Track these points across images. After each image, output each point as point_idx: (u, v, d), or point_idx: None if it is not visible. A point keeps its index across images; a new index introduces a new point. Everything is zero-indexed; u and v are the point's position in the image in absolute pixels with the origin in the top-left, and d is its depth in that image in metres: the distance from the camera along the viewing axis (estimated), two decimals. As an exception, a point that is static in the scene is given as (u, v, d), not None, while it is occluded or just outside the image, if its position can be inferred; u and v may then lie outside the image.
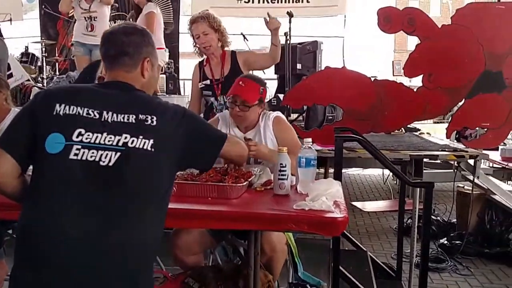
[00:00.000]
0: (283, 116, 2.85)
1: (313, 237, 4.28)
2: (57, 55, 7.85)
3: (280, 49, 3.42)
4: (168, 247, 2.48)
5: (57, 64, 7.59)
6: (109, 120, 1.56)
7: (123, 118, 1.57)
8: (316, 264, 3.44)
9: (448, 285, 3.63)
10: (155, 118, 1.58)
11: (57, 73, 7.41)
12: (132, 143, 1.53)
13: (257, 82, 2.71)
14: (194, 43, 3.50)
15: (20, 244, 1.54)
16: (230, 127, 2.72)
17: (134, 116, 1.57)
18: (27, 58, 7.20)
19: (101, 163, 1.51)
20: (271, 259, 2.44)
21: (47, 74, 7.16)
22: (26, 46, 7.82)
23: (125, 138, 1.54)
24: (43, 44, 7.38)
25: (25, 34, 9.19)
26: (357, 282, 2.78)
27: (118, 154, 1.52)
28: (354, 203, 6.00)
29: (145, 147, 1.54)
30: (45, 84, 6.50)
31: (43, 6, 8.09)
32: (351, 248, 3.69)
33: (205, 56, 3.55)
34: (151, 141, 1.55)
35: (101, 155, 1.51)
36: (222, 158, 1.93)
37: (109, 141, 1.53)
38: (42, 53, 7.26)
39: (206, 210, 1.89)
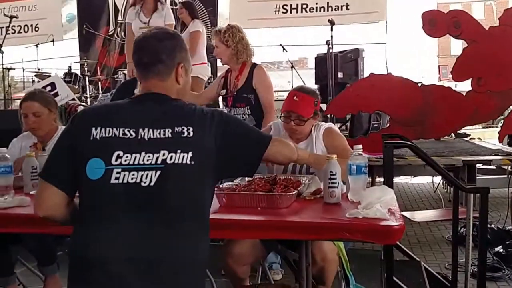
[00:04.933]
0: (335, 127, 2.81)
1: (362, 247, 4.22)
2: (99, 74, 7.92)
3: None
4: (219, 257, 2.43)
5: (99, 83, 7.66)
6: (146, 137, 1.52)
7: (159, 133, 1.53)
8: (367, 276, 3.33)
9: (507, 295, 3.46)
10: (191, 129, 1.53)
11: (100, 92, 7.52)
12: (170, 159, 1.50)
13: (311, 95, 2.66)
14: None
15: (73, 269, 1.53)
16: (281, 137, 2.68)
17: (170, 130, 1.53)
18: (70, 78, 7.26)
19: (142, 184, 1.48)
20: (322, 269, 2.37)
21: (90, 93, 7.27)
22: (69, 66, 7.92)
23: (163, 155, 1.50)
24: (86, 64, 7.48)
25: (65, 54, 9.31)
26: (412, 294, 2.68)
27: (159, 172, 1.49)
28: (403, 213, 5.82)
29: (184, 161, 1.50)
30: (89, 103, 6.62)
31: (84, 26, 8.12)
32: (403, 258, 3.57)
33: None
34: (190, 154, 1.51)
35: (142, 175, 1.49)
36: (268, 160, 1.83)
37: (148, 160, 1.50)
38: (84, 72, 7.35)
39: (256, 220, 1.86)
